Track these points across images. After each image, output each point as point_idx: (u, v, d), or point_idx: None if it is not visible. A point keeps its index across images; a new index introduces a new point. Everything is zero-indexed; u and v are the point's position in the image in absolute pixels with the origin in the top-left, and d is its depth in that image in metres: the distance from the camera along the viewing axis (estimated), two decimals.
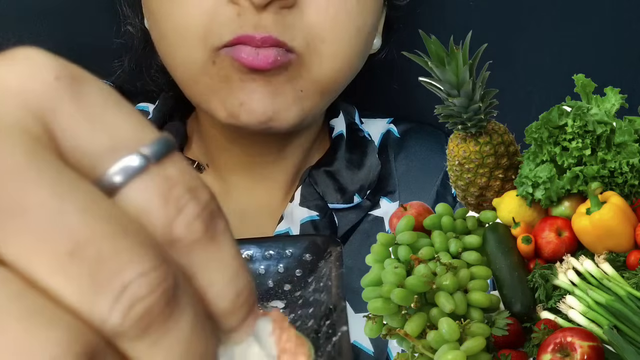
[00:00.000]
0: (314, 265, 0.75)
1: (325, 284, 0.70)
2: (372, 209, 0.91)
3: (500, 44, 0.94)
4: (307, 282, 0.74)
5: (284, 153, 0.90)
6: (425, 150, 0.96)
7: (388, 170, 0.94)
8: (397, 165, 0.95)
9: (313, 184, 0.89)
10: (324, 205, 0.89)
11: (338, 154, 0.91)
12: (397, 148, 0.96)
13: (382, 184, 0.93)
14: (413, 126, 0.99)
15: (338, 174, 0.90)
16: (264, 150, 0.89)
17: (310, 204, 0.89)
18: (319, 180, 0.90)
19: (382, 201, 0.92)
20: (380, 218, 0.91)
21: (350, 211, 0.90)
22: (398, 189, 0.93)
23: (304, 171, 0.91)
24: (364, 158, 0.92)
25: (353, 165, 0.91)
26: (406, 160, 0.95)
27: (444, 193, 0.94)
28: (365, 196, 0.90)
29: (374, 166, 0.92)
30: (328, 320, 0.63)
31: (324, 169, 0.90)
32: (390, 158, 0.95)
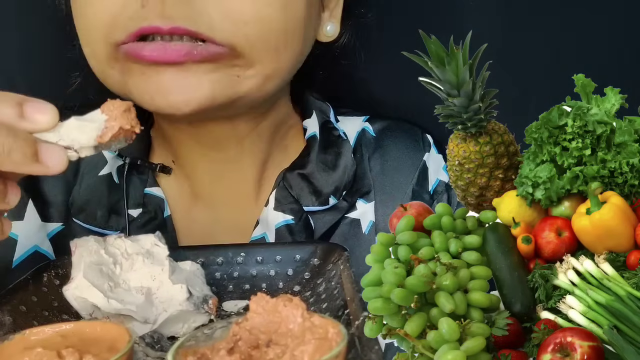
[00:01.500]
0: (322, 269, 0.77)
1: (337, 282, 0.71)
2: (349, 211, 0.91)
3: (500, 44, 0.94)
4: (317, 283, 0.75)
5: (243, 146, 0.89)
6: (401, 148, 0.95)
7: (362, 170, 0.93)
8: (372, 165, 0.94)
9: (287, 187, 0.89)
10: (299, 209, 0.88)
11: (312, 156, 0.90)
12: (371, 147, 0.95)
13: (357, 184, 0.92)
14: (389, 124, 0.97)
15: (312, 177, 0.89)
16: (223, 143, 0.88)
17: (285, 207, 0.88)
18: (293, 183, 0.89)
19: (359, 203, 0.91)
20: (357, 220, 0.91)
21: (326, 213, 0.90)
22: (373, 189, 0.93)
23: (278, 174, 0.90)
24: (338, 158, 0.91)
25: (327, 167, 0.90)
26: (381, 159, 0.94)
27: (420, 191, 0.93)
28: (340, 197, 0.90)
29: (349, 166, 0.91)
30: (347, 309, 0.64)
31: (297, 171, 0.89)
32: (364, 157, 0.94)
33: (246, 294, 0.78)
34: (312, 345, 0.50)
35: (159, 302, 0.70)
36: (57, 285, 0.74)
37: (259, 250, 0.81)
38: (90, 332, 0.62)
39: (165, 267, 0.72)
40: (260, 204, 0.91)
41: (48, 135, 0.56)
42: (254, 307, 0.56)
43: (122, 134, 0.58)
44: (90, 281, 0.68)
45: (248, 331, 0.55)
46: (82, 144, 0.57)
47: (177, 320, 0.70)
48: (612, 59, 0.97)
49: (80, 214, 0.88)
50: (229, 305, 0.76)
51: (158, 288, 0.71)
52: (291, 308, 0.54)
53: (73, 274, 0.70)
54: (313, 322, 0.53)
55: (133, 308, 0.68)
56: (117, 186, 0.89)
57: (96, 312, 0.69)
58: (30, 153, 0.54)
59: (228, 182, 0.91)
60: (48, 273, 0.75)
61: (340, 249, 0.78)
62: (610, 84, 0.59)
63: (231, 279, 0.79)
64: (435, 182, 0.94)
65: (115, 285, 0.70)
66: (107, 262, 0.71)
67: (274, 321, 0.55)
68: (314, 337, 0.51)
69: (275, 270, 0.79)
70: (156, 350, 0.66)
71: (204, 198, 0.92)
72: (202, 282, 0.75)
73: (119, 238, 0.74)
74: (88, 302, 0.68)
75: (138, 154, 0.90)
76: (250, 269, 0.80)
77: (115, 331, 0.61)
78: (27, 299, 0.71)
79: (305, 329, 0.53)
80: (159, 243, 0.74)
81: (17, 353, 0.59)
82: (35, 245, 0.87)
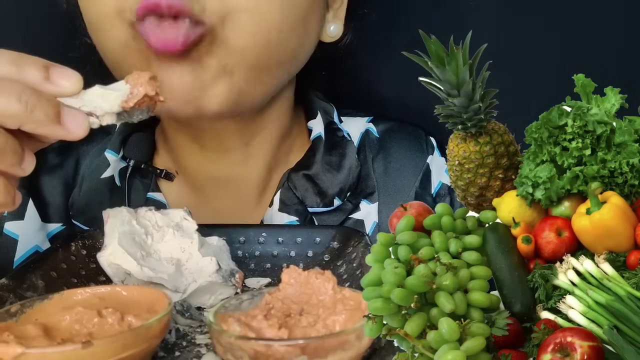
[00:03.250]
0: (342, 252, 0.78)
1: (359, 263, 0.72)
2: (353, 211, 0.91)
3: (500, 44, 0.94)
4: (337, 265, 0.76)
5: (249, 150, 0.89)
6: (405, 150, 0.95)
7: (366, 170, 0.93)
8: (376, 166, 0.94)
9: (292, 188, 0.88)
10: (303, 210, 0.88)
11: (317, 157, 0.90)
12: (375, 148, 0.95)
13: (361, 185, 0.92)
14: (393, 125, 0.97)
15: (317, 178, 0.89)
16: (228, 146, 0.88)
17: (290, 209, 0.88)
18: (298, 184, 0.88)
19: (362, 203, 0.91)
20: (361, 221, 0.91)
21: (330, 214, 0.90)
22: (377, 190, 0.93)
23: (283, 175, 0.90)
24: (343, 159, 0.91)
25: (332, 168, 0.90)
26: (384, 161, 0.94)
27: (423, 193, 0.93)
28: (345, 198, 0.90)
29: (353, 167, 0.91)
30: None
31: (302, 172, 0.89)
32: (368, 158, 0.94)
33: (267, 272, 0.80)
34: (344, 315, 0.51)
35: (188, 272, 0.72)
36: (84, 255, 0.77)
37: (280, 231, 0.84)
38: (128, 295, 0.63)
39: (194, 240, 0.74)
40: (264, 205, 0.91)
41: (71, 100, 0.57)
42: (286, 279, 0.56)
43: (146, 102, 0.59)
44: (124, 248, 0.70)
45: (280, 300, 0.55)
46: (105, 110, 0.58)
47: (206, 291, 0.72)
48: (612, 59, 0.97)
49: (80, 216, 0.88)
50: (252, 282, 0.78)
51: (187, 260, 0.73)
52: (322, 280, 0.55)
53: (107, 242, 0.72)
54: (344, 294, 0.54)
55: (165, 277, 0.70)
56: (118, 189, 0.89)
57: (128, 279, 0.71)
58: (52, 114, 0.55)
59: (232, 184, 0.91)
60: (76, 243, 0.78)
61: (360, 234, 0.80)
62: (610, 84, 0.59)
63: (252, 257, 0.82)
64: (438, 184, 0.94)
65: (147, 255, 0.72)
66: (139, 232, 0.74)
67: (305, 292, 0.56)
68: (346, 308, 0.52)
69: (296, 251, 0.82)
70: (186, 318, 0.68)
71: (206, 201, 0.92)
72: (228, 257, 0.78)
73: (149, 210, 0.77)
74: (121, 268, 0.70)
75: (142, 158, 0.90)
76: (271, 248, 0.82)
77: (152, 295, 0.62)
78: (57, 266, 0.74)
79: (337, 301, 0.53)
80: (187, 217, 0.77)
81: (57, 312, 0.60)
82: (36, 245, 0.87)
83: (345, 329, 0.51)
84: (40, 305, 0.61)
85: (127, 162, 0.89)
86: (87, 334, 0.58)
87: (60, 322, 0.60)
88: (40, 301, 0.62)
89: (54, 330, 0.59)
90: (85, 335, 0.58)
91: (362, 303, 0.52)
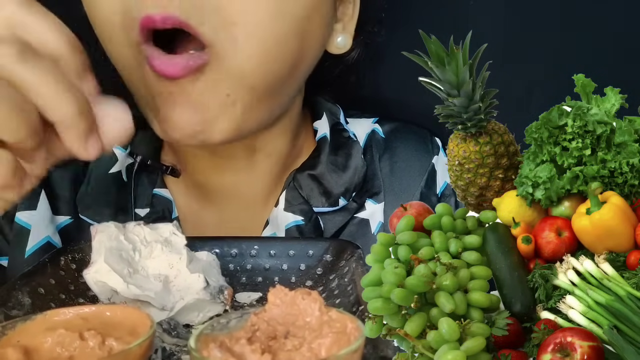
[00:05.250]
0: (335, 265, 0.77)
1: (351, 278, 0.72)
2: (358, 211, 0.91)
3: (501, 44, 0.94)
4: (329, 279, 0.76)
5: (254, 158, 0.89)
6: (410, 150, 0.95)
7: (373, 171, 0.93)
8: (382, 166, 0.94)
9: (297, 188, 0.88)
10: (308, 210, 0.88)
11: (322, 157, 0.90)
12: (381, 148, 0.95)
13: (367, 185, 0.92)
14: (398, 126, 0.98)
15: (322, 178, 0.89)
16: (232, 154, 0.88)
17: (295, 208, 0.88)
18: (304, 184, 0.89)
19: (368, 203, 0.91)
20: (366, 220, 0.91)
21: (335, 214, 0.90)
22: (383, 190, 0.93)
23: (288, 175, 0.90)
24: (348, 160, 0.91)
25: (338, 168, 0.90)
26: (390, 161, 0.95)
27: (428, 194, 0.93)
28: (350, 198, 0.90)
29: (359, 168, 0.91)
30: (361, 306, 0.64)
31: (308, 172, 0.89)
32: (375, 159, 0.94)
33: (259, 286, 0.79)
34: (329, 338, 0.51)
35: (176, 290, 0.71)
36: (74, 269, 0.75)
37: (273, 244, 0.82)
38: (112, 316, 0.62)
39: (182, 255, 0.73)
40: (269, 205, 0.91)
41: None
42: (272, 299, 0.56)
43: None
44: (110, 266, 0.69)
45: (266, 322, 0.55)
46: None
47: (194, 308, 0.70)
48: (612, 59, 0.97)
49: (87, 211, 0.88)
50: (242, 297, 0.77)
51: (175, 276, 0.72)
52: (309, 301, 0.55)
53: (93, 258, 0.71)
54: (331, 316, 0.53)
55: (151, 294, 0.69)
56: (125, 185, 0.89)
57: (115, 296, 0.69)
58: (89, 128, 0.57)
59: (239, 187, 0.91)
60: (65, 257, 0.76)
61: (353, 247, 0.78)
62: (610, 84, 0.59)
63: (244, 271, 0.80)
64: (443, 185, 0.94)
65: (134, 272, 0.71)
66: (126, 248, 0.72)
67: (291, 313, 0.55)
68: (332, 330, 0.52)
69: (288, 264, 0.80)
70: (172, 336, 0.67)
71: (212, 201, 0.92)
72: (218, 273, 0.76)
73: (138, 225, 0.75)
74: (107, 286, 0.69)
75: (149, 154, 0.90)
76: (264, 262, 0.81)
77: (136, 316, 0.61)
78: (45, 282, 0.71)
79: (323, 323, 0.53)
80: (176, 232, 0.76)
81: (39, 333, 0.59)
82: (47, 236, 0.87)
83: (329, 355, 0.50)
84: (22, 326, 0.60)
85: (135, 158, 0.90)
86: (68, 358, 0.58)
87: (43, 344, 0.59)
88: (22, 322, 0.60)
89: (34, 353, 0.58)
90: (66, 359, 0.58)
91: (347, 327, 0.52)
